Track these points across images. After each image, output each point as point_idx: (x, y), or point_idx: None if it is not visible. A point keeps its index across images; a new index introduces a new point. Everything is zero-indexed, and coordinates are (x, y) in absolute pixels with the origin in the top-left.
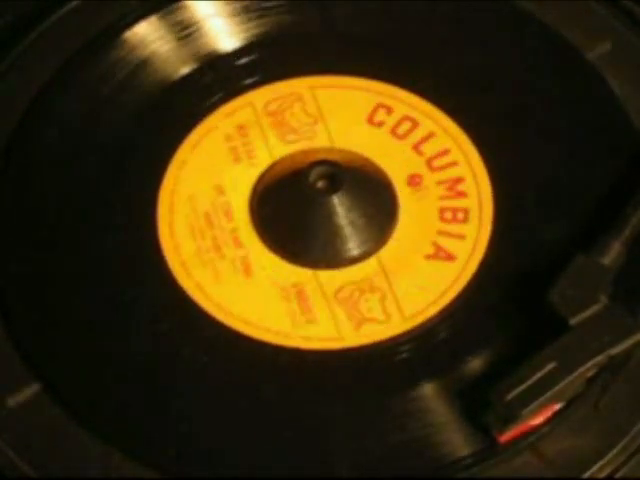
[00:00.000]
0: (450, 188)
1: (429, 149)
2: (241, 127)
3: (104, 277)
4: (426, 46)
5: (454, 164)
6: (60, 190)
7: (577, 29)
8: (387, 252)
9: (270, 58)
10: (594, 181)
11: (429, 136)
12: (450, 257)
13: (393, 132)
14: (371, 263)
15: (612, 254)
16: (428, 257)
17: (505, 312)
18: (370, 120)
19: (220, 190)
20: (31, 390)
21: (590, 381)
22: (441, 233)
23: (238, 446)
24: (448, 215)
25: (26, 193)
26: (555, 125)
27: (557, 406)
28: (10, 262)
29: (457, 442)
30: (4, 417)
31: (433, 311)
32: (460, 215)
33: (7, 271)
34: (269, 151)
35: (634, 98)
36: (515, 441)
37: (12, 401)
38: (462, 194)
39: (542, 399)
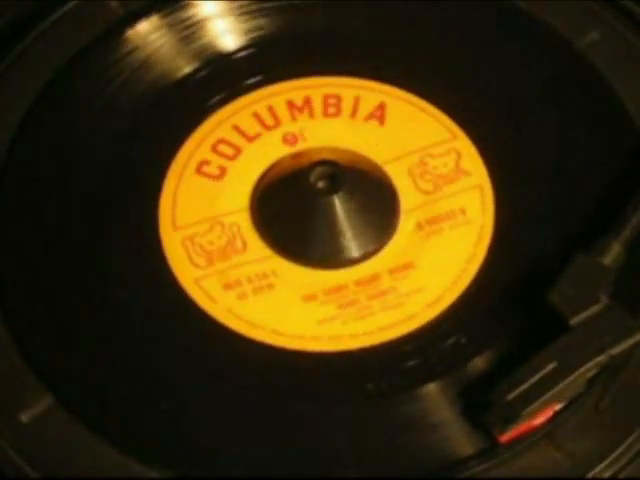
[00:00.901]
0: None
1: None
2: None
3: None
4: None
5: None
6: (61, 188)
7: (577, 29)
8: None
9: (272, 58)
10: (594, 181)
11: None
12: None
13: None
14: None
15: (612, 254)
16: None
17: (505, 312)
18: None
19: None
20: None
21: (591, 381)
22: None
23: (238, 446)
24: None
25: (28, 193)
26: (555, 125)
27: (558, 406)
28: (11, 266)
29: (458, 442)
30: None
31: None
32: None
33: (8, 273)
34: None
35: (634, 98)
36: (516, 441)
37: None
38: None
39: (543, 399)
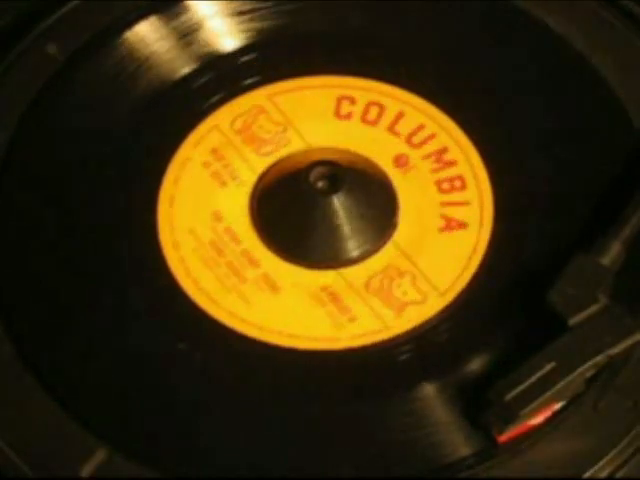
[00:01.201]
0: (438, 160)
1: (404, 128)
2: (214, 151)
3: (130, 321)
4: (376, 35)
5: (432, 136)
6: (60, 189)
7: (578, 29)
8: (401, 236)
9: (270, 58)
10: (594, 181)
11: (399, 116)
12: (462, 225)
13: (363, 120)
14: (390, 250)
15: (612, 254)
16: (442, 230)
17: (504, 312)
18: (337, 114)
19: (217, 217)
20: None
21: (590, 381)
22: (445, 204)
23: (238, 446)
24: (446, 186)
25: (27, 193)
26: (555, 125)
27: (556, 406)
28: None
29: (457, 442)
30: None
31: (465, 281)
32: (457, 183)
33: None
34: (250, 168)
35: (634, 98)
36: (515, 441)
37: None
38: (451, 163)
39: (541, 399)
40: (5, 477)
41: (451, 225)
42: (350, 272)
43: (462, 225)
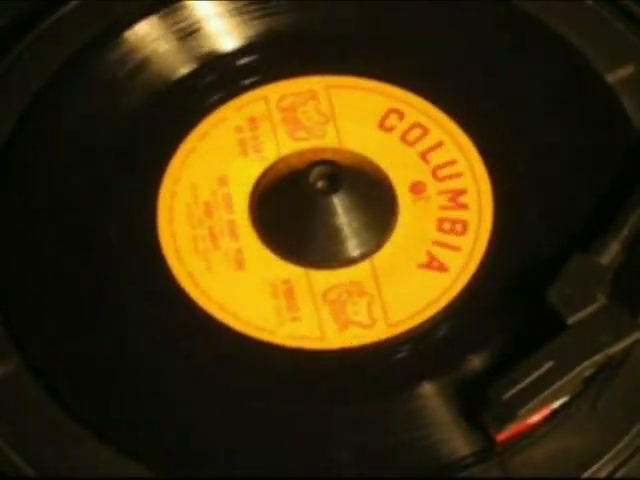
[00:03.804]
0: (452, 199)
1: (436, 158)
2: (252, 120)
3: (101, 261)
4: (444, 51)
5: (459, 175)
6: (61, 189)
7: (578, 29)
8: (381, 257)
9: (270, 58)
10: (593, 181)
11: (438, 145)
12: (442, 268)
13: (403, 138)
14: (364, 267)
15: (610, 253)
16: (420, 266)
17: (503, 311)
18: (381, 124)
19: (223, 181)
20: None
21: (588, 380)
22: (437, 243)
23: (238, 446)
24: (447, 226)
25: (27, 192)
26: (554, 125)
27: (555, 405)
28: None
29: (457, 442)
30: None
31: (418, 320)
32: (459, 227)
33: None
34: (277, 146)
35: (634, 98)
36: (514, 441)
37: None
38: (463, 206)
39: (539, 398)
40: (6, 477)
41: (432, 265)
42: (317, 275)
43: (442, 268)
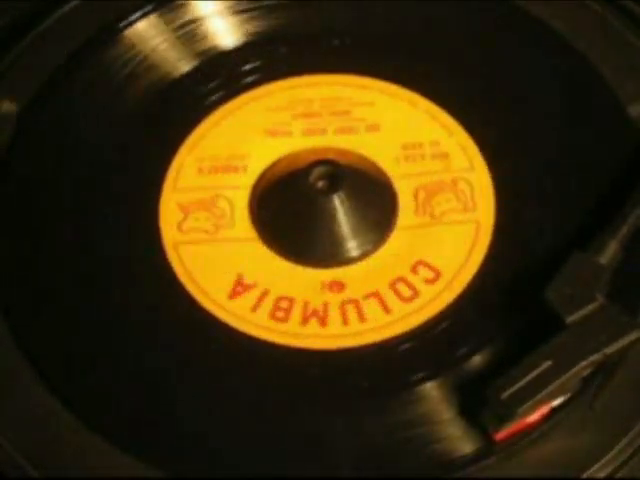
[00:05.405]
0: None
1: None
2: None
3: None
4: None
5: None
6: (61, 188)
7: (578, 29)
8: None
9: (271, 57)
10: (592, 180)
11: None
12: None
13: None
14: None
15: (609, 253)
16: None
17: (502, 311)
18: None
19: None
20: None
21: (586, 380)
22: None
23: (238, 446)
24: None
25: (27, 193)
26: (554, 125)
27: (553, 404)
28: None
29: (456, 441)
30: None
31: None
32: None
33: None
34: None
35: (634, 98)
36: (514, 440)
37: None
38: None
39: (537, 398)
40: (6, 477)
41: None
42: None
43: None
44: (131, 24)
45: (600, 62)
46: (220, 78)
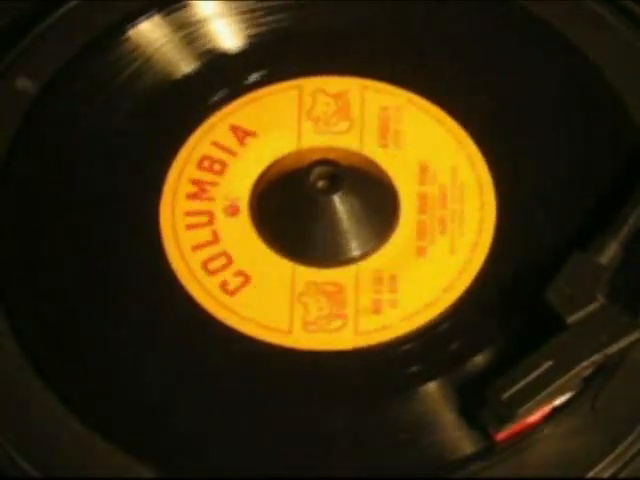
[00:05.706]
0: None
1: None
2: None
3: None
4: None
5: None
6: (61, 188)
7: (578, 30)
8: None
9: (273, 57)
10: (592, 180)
11: None
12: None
13: None
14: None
15: (609, 253)
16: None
17: (503, 311)
18: None
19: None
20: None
21: (587, 381)
22: None
23: (238, 446)
24: None
25: (28, 194)
26: (554, 125)
27: (554, 405)
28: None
29: (457, 442)
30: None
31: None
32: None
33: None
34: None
35: (634, 98)
36: (515, 441)
37: None
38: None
39: (538, 398)
40: (6, 477)
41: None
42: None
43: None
44: (133, 24)
45: (600, 62)
46: (223, 79)
